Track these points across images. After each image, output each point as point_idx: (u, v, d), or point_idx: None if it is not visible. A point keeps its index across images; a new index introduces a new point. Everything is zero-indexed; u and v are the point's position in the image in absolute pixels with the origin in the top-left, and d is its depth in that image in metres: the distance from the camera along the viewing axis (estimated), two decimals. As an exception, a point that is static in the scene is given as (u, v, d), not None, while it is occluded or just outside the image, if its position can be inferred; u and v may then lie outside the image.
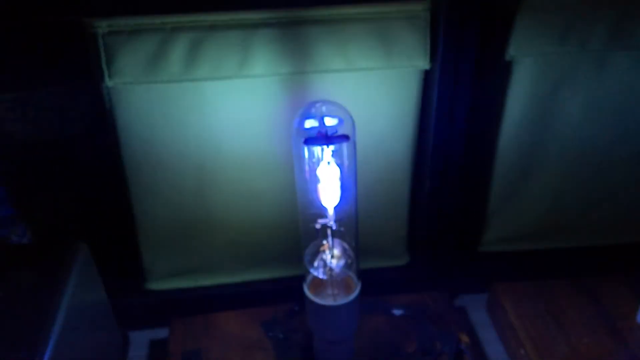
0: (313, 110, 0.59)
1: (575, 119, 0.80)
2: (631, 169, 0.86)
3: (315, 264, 0.66)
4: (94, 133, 0.76)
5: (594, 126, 0.81)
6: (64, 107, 0.75)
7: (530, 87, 0.77)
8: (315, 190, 0.62)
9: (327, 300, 0.66)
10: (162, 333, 0.83)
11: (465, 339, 0.78)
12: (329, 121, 0.59)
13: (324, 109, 0.59)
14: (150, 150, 0.73)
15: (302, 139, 0.58)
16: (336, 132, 0.59)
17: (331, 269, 0.65)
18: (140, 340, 0.84)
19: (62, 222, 0.81)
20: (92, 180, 0.79)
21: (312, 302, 0.66)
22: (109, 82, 0.68)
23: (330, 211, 0.63)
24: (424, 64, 0.72)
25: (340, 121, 0.59)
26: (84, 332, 0.67)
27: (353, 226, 0.65)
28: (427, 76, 0.74)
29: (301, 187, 0.64)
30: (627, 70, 0.77)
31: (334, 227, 0.64)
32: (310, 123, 0.59)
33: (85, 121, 0.76)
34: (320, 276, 0.66)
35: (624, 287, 0.84)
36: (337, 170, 0.61)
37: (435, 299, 0.85)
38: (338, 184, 0.61)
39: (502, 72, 0.76)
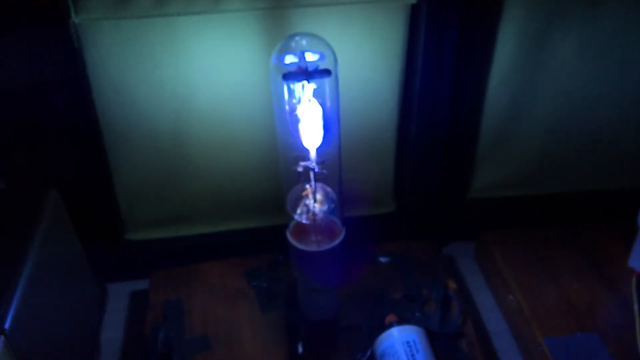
0: (292, 44, 0.56)
1: (566, 60, 0.77)
2: (623, 113, 0.84)
3: (298, 209, 0.63)
4: (65, 76, 0.72)
5: (586, 68, 0.78)
6: (33, 51, 0.71)
7: (521, 25, 0.74)
8: (297, 131, 0.59)
9: (310, 246, 0.64)
10: (142, 285, 0.81)
11: (452, 285, 0.77)
12: (310, 56, 0.56)
13: (304, 42, 0.56)
14: (123, 92, 0.70)
15: (281, 75, 0.55)
16: (317, 67, 0.55)
17: (314, 214, 0.63)
18: (119, 292, 0.83)
19: (36, 170, 0.78)
20: (65, 126, 0.75)
21: (295, 249, 0.64)
22: (75, 19, 0.64)
23: (313, 153, 0.60)
24: (410, -3, 0.68)
25: (322, 56, 0.56)
26: (55, 283, 0.65)
27: (337, 170, 0.63)
28: (414, 12, 0.70)
29: (282, 129, 0.61)
30: (620, 9, 0.74)
31: (317, 170, 0.61)
32: (289, 59, 0.56)
33: (55, 64, 0.72)
34: (303, 221, 0.63)
35: (614, 233, 0.83)
36: (319, 108, 0.58)
37: (422, 247, 0.84)
38: (320, 123, 0.58)
39: (492, 10, 0.73)
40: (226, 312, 0.75)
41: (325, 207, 0.63)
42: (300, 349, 0.70)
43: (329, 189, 0.64)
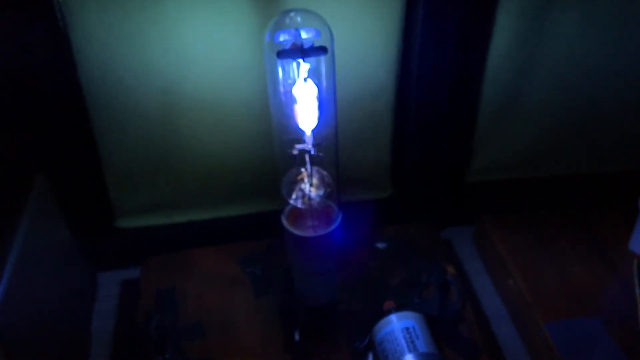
0: (287, 20, 0.54)
1: (568, 37, 0.76)
2: (623, 94, 0.82)
3: (294, 194, 0.62)
4: (50, 57, 0.69)
5: (588, 46, 0.77)
6: (17, 32, 0.68)
7: (520, 5, 0.72)
8: (292, 112, 0.58)
9: (307, 231, 0.62)
10: (134, 273, 0.79)
11: (451, 270, 0.75)
12: (305, 34, 0.54)
13: (298, 19, 0.54)
14: (110, 74, 0.67)
15: (275, 53, 0.53)
16: (313, 45, 0.53)
17: (310, 199, 0.61)
18: (111, 281, 0.81)
19: (22, 156, 0.75)
20: (51, 109, 0.73)
21: (291, 234, 0.62)
22: (60, -3, 0.61)
23: (308, 135, 0.59)
24: (408, -26, 0.66)
25: (317, 33, 0.54)
26: (43, 272, 0.63)
27: (333, 152, 0.61)
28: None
29: (276, 110, 0.59)
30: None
31: (313, 152, 0.59)
32: (284, 36, 0.54)
33: (40, 45, 0.69)
34: (299, 206, 0.61)
35: (615, 215, 0.82)
36: (315, 88, 0.56)
37: (421, 232, 0.83)
38: (316, 104, 0.56)
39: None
40: (220, 299, 0.73)
41: (321, 192, 0.62)
42: (296, 337, 0.68)
43: (325, 173, 0.62)
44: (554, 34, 0.75)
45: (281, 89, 0.57)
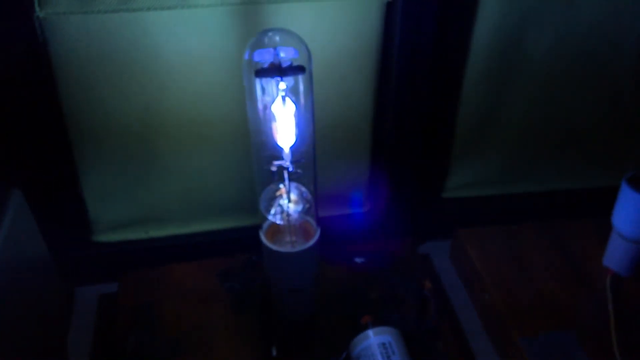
0: (265, 40, 0.54)
1: (543, 56, 0.77)
2: (599, 111, 0.84)
3: (272, 210, 0.62)
4: (29, 72, 0.69)
5: (562, 64, 0.78)
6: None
7: (497, 20, 0.73)
8: (270, 130, 0.58)
9: (285, 247, 0.62)
10: (112, 287, 0.79)
11: (428, 285, 0.76)
12: (283, 53, 0.54)
13: (277, 38, 0.54)
14: (90, 89, 0.67)
15: (254, 72, 0.54)
16: (291, 64, 0.54)
17: (288, 214, 0.62)
18: (88, 296, 0.80)
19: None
20: (29, 123, 0.73)
21: (269, 250, 0.62)
22: (39, 12, 0.61)
23: (287, 152, 0.59)
24: (385, -6, 0.67)
25: (295, 53, 0.55)
26: (19, 287, 0.62)
27: (311, 169, 0.61)
28: (389, 9, 0.69)
29: (255, 127, 0.59)
30: (595, 3, 0.74)
31: (291, 169, 0.60)
32: (262, 55, 0.54)
33: (19, 60, 0.69)
34: (278, 222, 0.62)
35: (589, 231, 0.84)
36: (293, 106, 0.56)
37: (398, 246, 0.83)
38: (294, 121, 0.57)
39: (468, 6, 0.72)
40: (199, 315, 0.73)
41: (299, 207, 0.62)
42: (274, 352, 0.69)
43: (303, 189, 0.63)
44: (529, 53, 0.76)
45: (260, 106, 0.58)
